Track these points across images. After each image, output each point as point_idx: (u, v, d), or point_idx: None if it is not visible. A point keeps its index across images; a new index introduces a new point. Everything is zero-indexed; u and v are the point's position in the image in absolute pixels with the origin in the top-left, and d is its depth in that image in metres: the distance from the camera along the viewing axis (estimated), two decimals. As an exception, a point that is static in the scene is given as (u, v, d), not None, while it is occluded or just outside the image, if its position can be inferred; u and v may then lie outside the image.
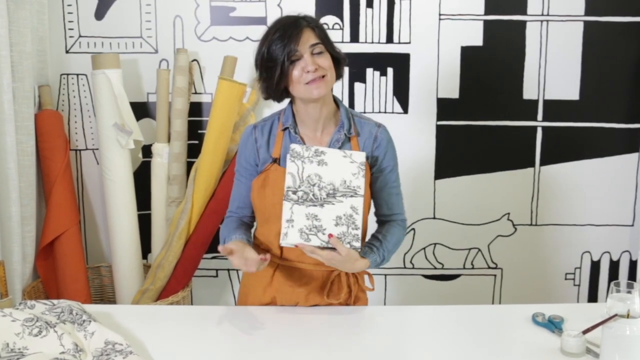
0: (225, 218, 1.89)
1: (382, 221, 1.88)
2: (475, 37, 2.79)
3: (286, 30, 1.67)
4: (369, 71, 2.81)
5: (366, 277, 1.88)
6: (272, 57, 1.67)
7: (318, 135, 1.78)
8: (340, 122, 1.78)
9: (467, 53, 2.80)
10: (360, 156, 1.66)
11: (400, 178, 1.86)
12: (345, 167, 1.64)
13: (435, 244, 2.98)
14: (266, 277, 1.82)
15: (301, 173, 1.63)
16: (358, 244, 1.62)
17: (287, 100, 1.80)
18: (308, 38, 1.67)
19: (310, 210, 1.62)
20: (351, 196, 1.63)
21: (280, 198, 1.65)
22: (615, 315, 1.45)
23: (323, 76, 1.68)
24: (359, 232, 1.62)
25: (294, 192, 1.62)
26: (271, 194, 1.72)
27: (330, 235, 1.60)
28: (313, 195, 1.62)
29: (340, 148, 1.74)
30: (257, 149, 1.79)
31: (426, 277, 3.02)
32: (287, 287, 1.81)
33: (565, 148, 2.88)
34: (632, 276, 2.98)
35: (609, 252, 2.99)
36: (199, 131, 2.84)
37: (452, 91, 2.83)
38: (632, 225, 2.96)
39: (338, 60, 1.75)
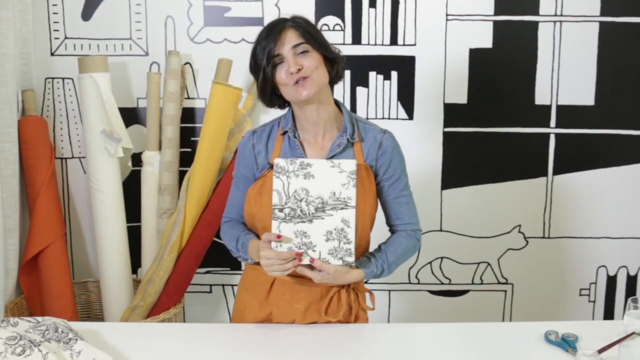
0: (224, 223, 1.93)
1: (392, 231, 1.91)
2: (484, 38, 2.80)
3: (269, 33, 1.71)
4: (372, 75, 2.83)
5: (367, 294, 1.88)
6: (256, 61, 1.73)
7: (319, 140, 1.80)
8: (343, 126, 1.80)
9: (476, 55, 2.81)
10: (349, 165, 1.65)
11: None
12: (334, 178, 1.64)
13: (442, 257, 2.98)
14: (263, 292, 1.85)
15: (287, 189, 1.64)
16: (351, 259, 1.64)
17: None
18: (290, 38, 1.70)
19: (299, 227, 1.64)
20: (342, 208, 1.63)
21: None
22: (633, 333, 1.45)
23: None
24: (352, 246, 1.64)
25: (281, 210, 1.64)
26: (268, 201, 1.72)
27: (312, 260, 1.64)
28: (301, 211, 1.64)
29: (342, 153, 1.77)
30: (255, 156, 1.82)
31: (432, 292, 3.02)
32: (284, 302, 1.82)
33: (579, 156, 2.89)
34: (650, 292, 2.99)
35: (626, 267, 3.00)
36: (192, 138, 2.85)
37: (459, 96, 2.84)
38: (651, 238, 2.97)
39: (331, 58, 1.76)
